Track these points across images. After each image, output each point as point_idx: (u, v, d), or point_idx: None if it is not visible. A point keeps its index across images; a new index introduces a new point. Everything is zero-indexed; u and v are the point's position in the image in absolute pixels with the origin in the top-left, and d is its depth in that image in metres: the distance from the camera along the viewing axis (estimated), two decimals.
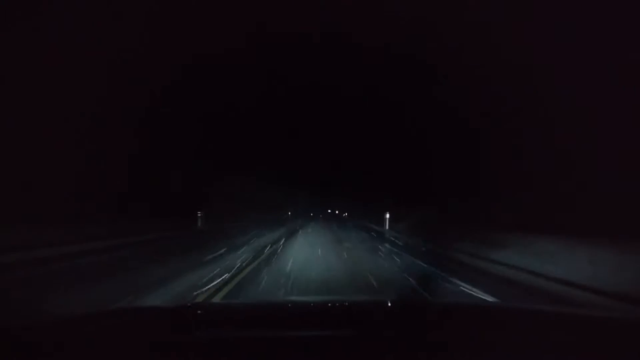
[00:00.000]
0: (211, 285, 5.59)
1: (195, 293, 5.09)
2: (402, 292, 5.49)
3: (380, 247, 12.11)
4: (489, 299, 5.14)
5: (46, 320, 1.52)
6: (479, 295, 5.36)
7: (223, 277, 6.18)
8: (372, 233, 19.10)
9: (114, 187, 13.76)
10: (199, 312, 1.84)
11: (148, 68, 13.45)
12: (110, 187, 13.54)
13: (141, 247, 10.98)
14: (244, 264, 7.61)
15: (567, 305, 4.84)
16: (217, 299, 4.84)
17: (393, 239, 15.20)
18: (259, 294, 5.14)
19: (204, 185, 22.06)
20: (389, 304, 2.11)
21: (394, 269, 7.72)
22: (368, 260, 8.86)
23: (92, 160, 12.71)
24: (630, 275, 5.15)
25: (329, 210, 79.79)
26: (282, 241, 13.18)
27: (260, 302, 2.74)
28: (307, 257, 9.04)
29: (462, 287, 5.87)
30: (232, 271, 6.75)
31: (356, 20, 15.06)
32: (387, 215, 21.00)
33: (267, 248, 10.78)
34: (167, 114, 16.63)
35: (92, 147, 12.67)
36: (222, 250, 9.67)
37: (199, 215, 18.86)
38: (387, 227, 20.60)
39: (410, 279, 6.43)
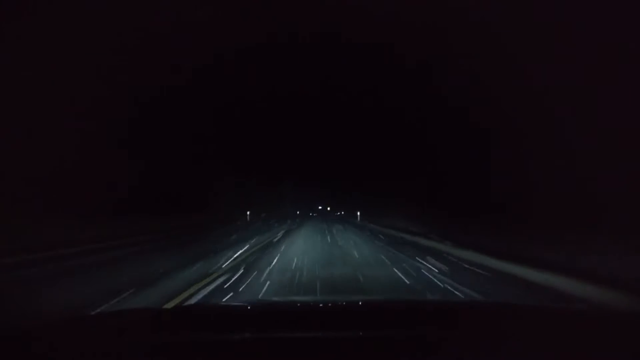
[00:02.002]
0: None
1: None
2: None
3: None
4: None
5: (45, 321, 1.53)
6: None
7: None
8: None
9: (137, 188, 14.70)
10: (195, 313, 1.85)
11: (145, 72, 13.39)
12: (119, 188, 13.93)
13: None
14: None
15: (563, 301, 4.86)
16: (214, 300, 4.86)
17: None
18: None
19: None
20: (386, 304, 2.11)
21: None
22: None
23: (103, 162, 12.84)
24: None
25: (320, 207, 65.53)
26: None
27: (258, 302, 2.74)
28: None
29: None
30: None
31: (356, 19, 14.99)
32: None
33: None
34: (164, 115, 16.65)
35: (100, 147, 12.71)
36: None
37: None
38: None
39: None
